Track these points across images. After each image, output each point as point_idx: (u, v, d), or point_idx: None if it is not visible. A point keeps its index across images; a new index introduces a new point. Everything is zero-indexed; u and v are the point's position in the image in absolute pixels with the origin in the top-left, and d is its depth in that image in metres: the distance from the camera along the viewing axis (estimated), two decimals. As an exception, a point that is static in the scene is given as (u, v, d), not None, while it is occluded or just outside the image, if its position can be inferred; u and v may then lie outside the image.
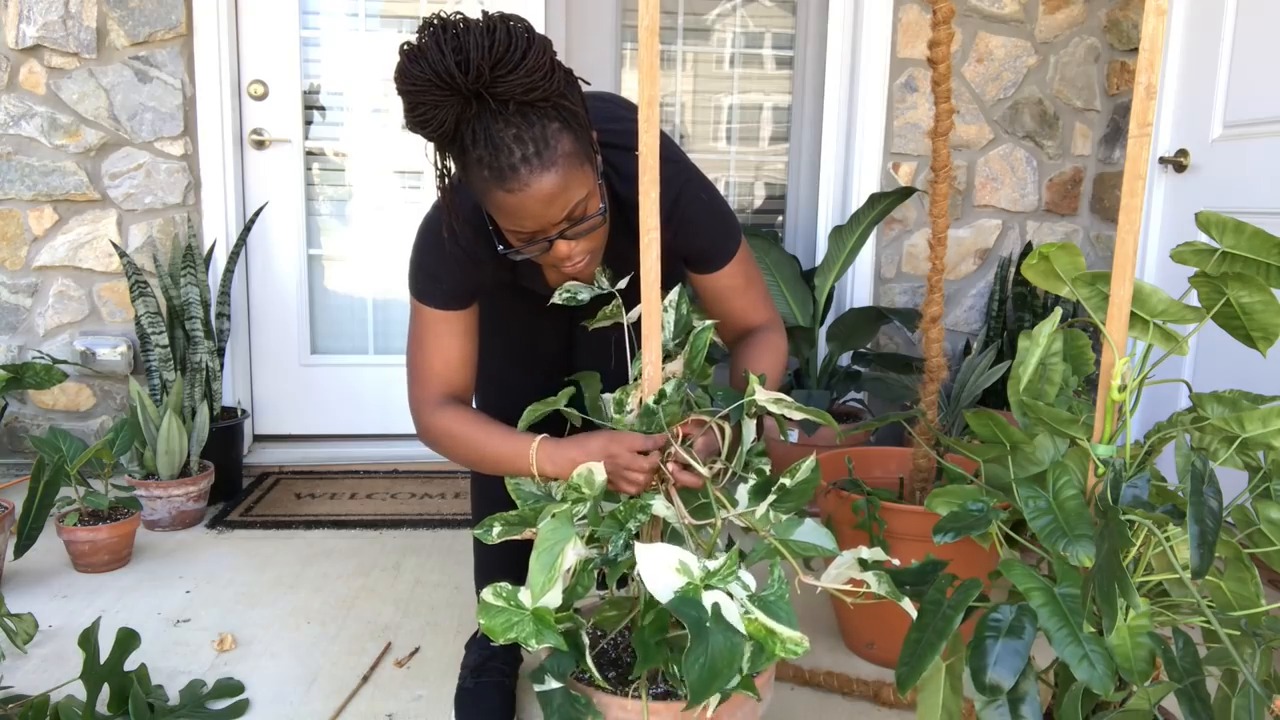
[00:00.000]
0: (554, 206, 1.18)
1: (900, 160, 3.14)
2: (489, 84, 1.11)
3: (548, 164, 1.15)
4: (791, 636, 1.07)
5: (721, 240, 1.43)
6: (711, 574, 1.10)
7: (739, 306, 1.48)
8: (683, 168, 1.41)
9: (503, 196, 1.17)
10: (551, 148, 1.15)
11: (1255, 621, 1.07)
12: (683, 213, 1.39)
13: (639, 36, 1.14)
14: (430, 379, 1.41)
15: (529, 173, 1.15)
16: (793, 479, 1.24)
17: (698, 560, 1.10)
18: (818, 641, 1.97)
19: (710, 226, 1.41)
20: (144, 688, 1.63)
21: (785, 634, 1.08)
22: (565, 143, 1.17)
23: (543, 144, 1.15)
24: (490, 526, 1.25)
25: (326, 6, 3.05)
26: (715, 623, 1.04)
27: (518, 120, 1.14)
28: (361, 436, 3.26)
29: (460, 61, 1.10)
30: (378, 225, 3.19)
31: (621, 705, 1.17)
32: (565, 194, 1.18)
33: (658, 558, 1.09)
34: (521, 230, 1.22)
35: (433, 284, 1.39)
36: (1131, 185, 1.08)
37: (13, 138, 2.82)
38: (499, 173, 1.15)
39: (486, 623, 1.13)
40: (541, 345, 1.64)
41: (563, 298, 1.36)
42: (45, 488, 2.06)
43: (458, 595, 2.17)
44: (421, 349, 1.42)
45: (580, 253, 1.27)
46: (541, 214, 1.19)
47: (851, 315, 2.95)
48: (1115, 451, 1.14)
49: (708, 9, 3.20)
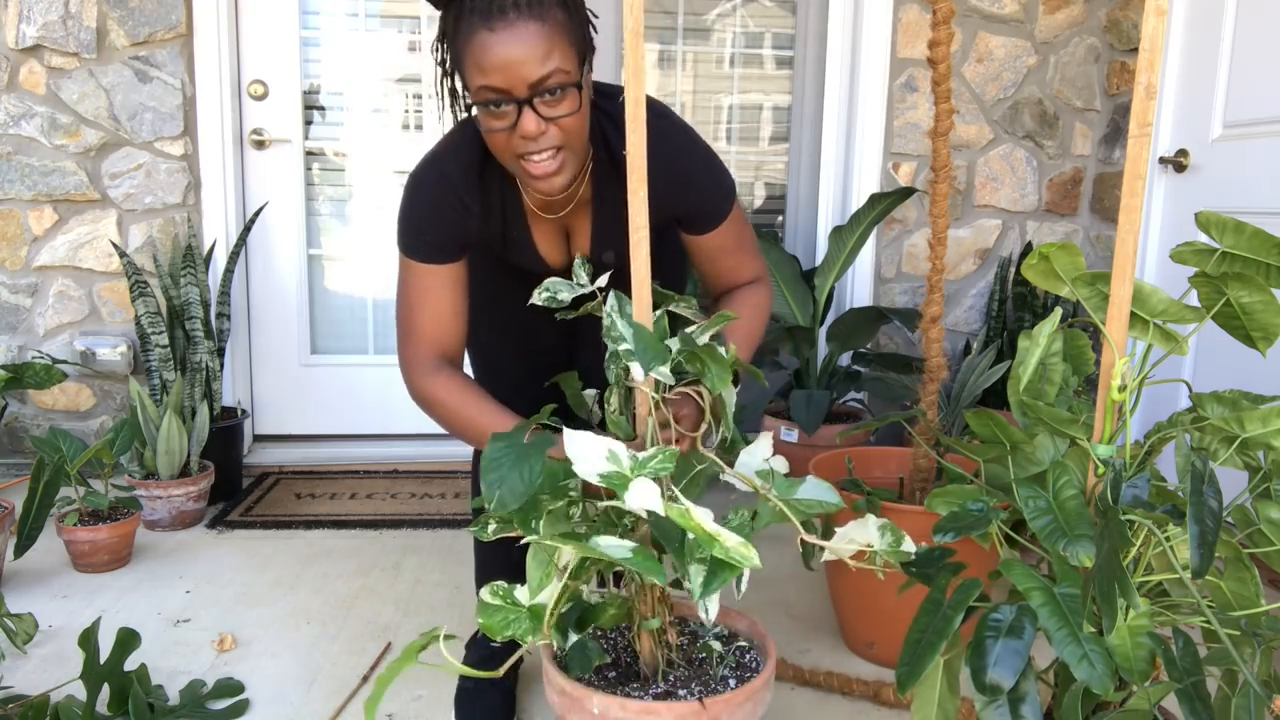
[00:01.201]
0: (531, 60, 1.17)
1: (900, 160, 3.14)
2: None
3: (537, 14, 1.16)
4: (736, 543, 1.02)
5: (716, 200, 1.41)
6: (641, 463, 1.08)
7: (729, 266, 1.47)
8: (678, 126, 1.39)
9: (484, 35, 1.16)
10: (545, 6, 1.17)
11: (1255, 621, 1.07)
12: (679, 170, 1.36)
13: (625, 40, 1.14)
14: (420, 337, 1.40)
15: (516, 14, 1.16)
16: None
17: (629, 453, 1.08)
18: (818, 641, 1.97)
19: (706, 185, 1.39)
20: (144, 688, 1.63)
21: (727, 538, 1.03)
22: (558, 13, 1.18)
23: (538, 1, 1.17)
24: (486, 523, 1.25)
25: (326, 6, 3.05)
26: (532, 449, 1.07)
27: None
28: (361, 436, 3.26)
29: None
30: (378, 225, 3.19)
31: (622, 705, 1.16)
32: (546, 52, 1.17)
33: (589, 445, 1.08)
34: (492, 85, 1.19)
35: (418, 236, 1.38)
36: (1131, 185, 1.08)
37: (13, 138, 2.82)
38: (486, 10, 1.16)
39: (485, 621, 1.13)
40: (540, 336, 1.63)
41: (542, 298, 1.34)
42: (45, 488, 2.06)
43: (458, 595, 2.17)
44: (409, 304, 1.41)
45: (550, 139, 1.23)
46: (517, 64, 1.16)
47: (851, 315, 2.95)
48: (1115, 451, 1.14)
49: (708, 9, 3.20)
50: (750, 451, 1.24)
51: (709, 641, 1.34)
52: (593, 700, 1.18)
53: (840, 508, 1.19)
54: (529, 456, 1.08)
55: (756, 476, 1.21)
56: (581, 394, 1.42)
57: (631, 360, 1.18)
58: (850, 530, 1.21)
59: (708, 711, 1.15)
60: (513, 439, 1.11)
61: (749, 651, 1.34)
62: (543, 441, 1.11)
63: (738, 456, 1.25)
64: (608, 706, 1.17)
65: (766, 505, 1.18)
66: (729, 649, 1.34)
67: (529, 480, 1.06)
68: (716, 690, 1.23)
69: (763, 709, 1.24)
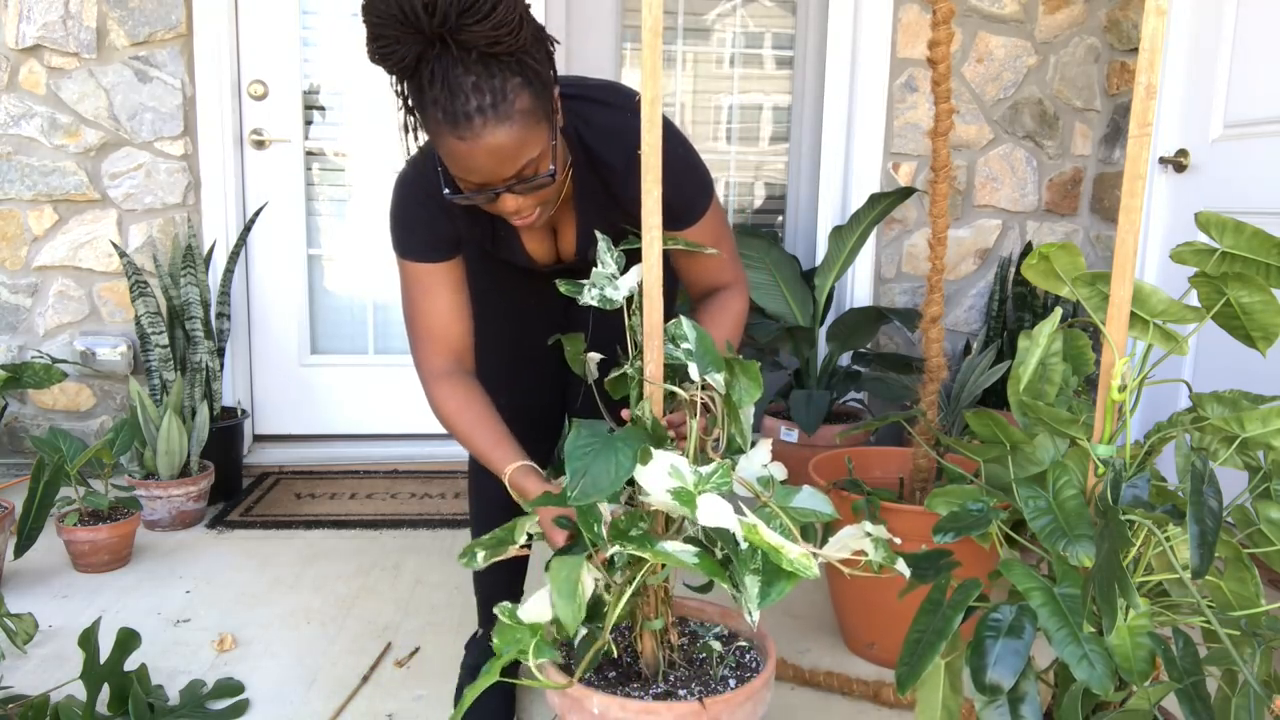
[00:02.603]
0: (504, 164, 1.17)
1: (900, 160, 3.14)
2: (454, 30, 1.09)
3: (502, 117, 1.14)
4: (799, 553, 1.05)
5: (693, 196, 1.40)
6: (705, 478, 1.08)
7: (708, 267, 1.46)
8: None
9: (454, 143, 1.15)
10: (509, 101, 1.14)
11: (1255, 621, 1.07)
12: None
13: (643, 37, 1.14)
14: (427, 341, 1.41)
15: (482, 123, 1.13)
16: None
17: (690, 467, 1.09)
18: (818, 641, 1.97)
19: (684, 182, 1.38)
20: (144, 688, 1.63)
21: (790, 549, 1.05)
22: (523, 99, 1.15)
23: (500, 96, 1.13)
24: (474, 553, 1.26)
25: (326, 6, 3.05)
26: (620, 441, 1.05)
27: (478, 69, 1.12)
28: (361, 436, 3.26)
29: (427, 4, 1.08)
30: (378, 225, 3.19)
31: (622, 705, 1.16)
32: (517, 151, 1.17)
33: (655, 470, 1.08)
34: (468, 180, 1.20)
35: (410, 236, 1.39)
36: (1131, 185, 1.08)
37: (13, 138, 2.82)
38: (453, 118, 1.13)
39: (499, 641, 1.13)
40: (531, 324, 1.62)
41: (594, 297, 1.30)
42: (45, 488, 2.06)
43: (458, 595, 2.17)
44: (413, 307, 1.42)
45: (528, 207, 1.26)
46: (491, 169, 1.17)
47: (851, 315, 2.95)
48: (1115, 451, 1.14)
49: (708, 9, 3.20)
50: (750, 457, 1.25)
51: (709, 641, 1.34)
52: (593, 700, 1.18)
53: (834, 518, 1.20)
54: (616, 449, 1.07)
55: (756, 483, 1.21)
56: (581, 356, 1.41)
57: (690, 360, 1.20)
58: (845, 538, 1.21)
59: (708, 711, 1.15)
60: (597, 428, 1.09)
61: (749, 651, 1.34)
62: (632, 435, 1.10)
63: (738, 462, 1.25)
64: (608, 706, 1.17)
65: (765, 511, 1.18)
66: (729, 649, 1.34)
67: (616, 474, 1.05)
68: (717, 690, 1.24)
69: (763, 709, 1.24)
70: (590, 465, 1.05)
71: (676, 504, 1.06)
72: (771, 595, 1.06)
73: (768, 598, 1.06)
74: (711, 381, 1.20)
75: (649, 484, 1.07)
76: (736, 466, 1.24)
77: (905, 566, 1.19)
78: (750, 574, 1.08)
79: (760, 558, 1.08)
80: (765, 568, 1.08)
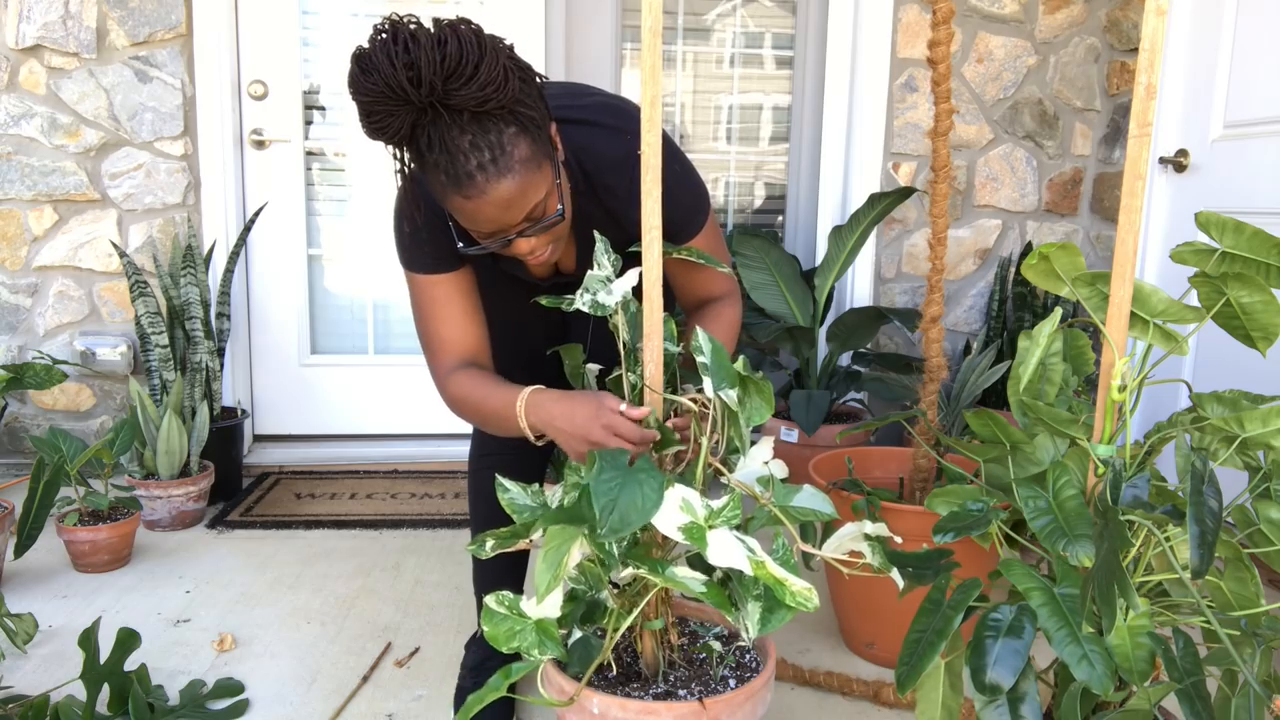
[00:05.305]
0: (512, 211, 1.19)
1: (900, 160, 3.14)
2: (442, 97, 1.10)
3: (504, 170, 1.15)
4: (802, 588, 1.06)
5: (691, 212, 1.41)
6: (715, 513, 1.09)
7: (702, 279, 1.48)
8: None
9: (460, 202, 1.17)
10: (508, 154, 1.15)
11: (1255, 621, 1.07)
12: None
13: (642, 38, 1.14)
14: (441, 349, 1.41)
15: (485, 180, 1.15)
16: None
17: (701, 500, 1.10)
18: (818, 641, 1.97)
19: (681, 198, 1.39)
20: (144, 688, 1.63)
21: (794, 584, 1.06)
22: (522, 147, 1.16)
23: (499, 150, 1.14)
24: (483, 541, 1.26)
25: (326, 6, 3.05)
26: (641, 474, 1.05)
27: (473, 128, 1.13)
28: (361, 436, 3.26)
29: (412, 77, 1.08)
30: (378, 225, 3.19)
31: (622, 705, 1.16)
32: (523, 198, 1.18)
33: (666, 503, 1.09)
34: (479, 231, 1.22)
35: (418, 249, 1.39)
36: (1131, 185, 1.08)
37: (13, 138, 2.82)
38: (456, 179, 1.15)
39: (490, 630, 1.13)
40: (530, 333, 1.63)
41: (585, 302, 1.32)
42: (45, 488, 2.06)
43: (458, 595, 2.17)
44: (425, 318, 1.42)
45: (541, 246, 1.28)
46: (500, 218, 1.19)
47: (851, 315, 2.95)
48: (1115, 451, 1.14)
49: (708, 9, 3.20)
50: (750, 455, 1.25)
51: (709, 641, 1.34)
52: (593, 700, 1.18)
53: (834, 518, 1.20)
54: (640, 481, 1.07)
55: (756, 483, 1.21)
56: (581, 367, 1.42)
57: (706, 375, 1.21)
58: (844, 538, 1.22)
59: (708, 711, 1.15)
60: (617, 461, 1.09)
61: (749, 651, 1.34)
62: (649, 466, 1.10)
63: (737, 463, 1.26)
64: (608, 706, 1.17)
65: (764, 510, 1.19)
66: (729, 649, 1.34)
67: (644, 506, 1.04)
68: (716, 690, 1.24)
69: (763, 709, 1.24)
70: (618, 498, 1.05)
71: (687, 540, 1.07)
72: (772, 623, 1.08)
73: (768, 624, 1.08)
74: (725, 399, 1.21)
75: (660, 520, 1.07)
76: (736, 467, 1.24)
77: (900, 576, 1.20)
78: (753, 600, 1.10)
79: (763, 585, 1.09)
80: (767, 595, 1.09)
